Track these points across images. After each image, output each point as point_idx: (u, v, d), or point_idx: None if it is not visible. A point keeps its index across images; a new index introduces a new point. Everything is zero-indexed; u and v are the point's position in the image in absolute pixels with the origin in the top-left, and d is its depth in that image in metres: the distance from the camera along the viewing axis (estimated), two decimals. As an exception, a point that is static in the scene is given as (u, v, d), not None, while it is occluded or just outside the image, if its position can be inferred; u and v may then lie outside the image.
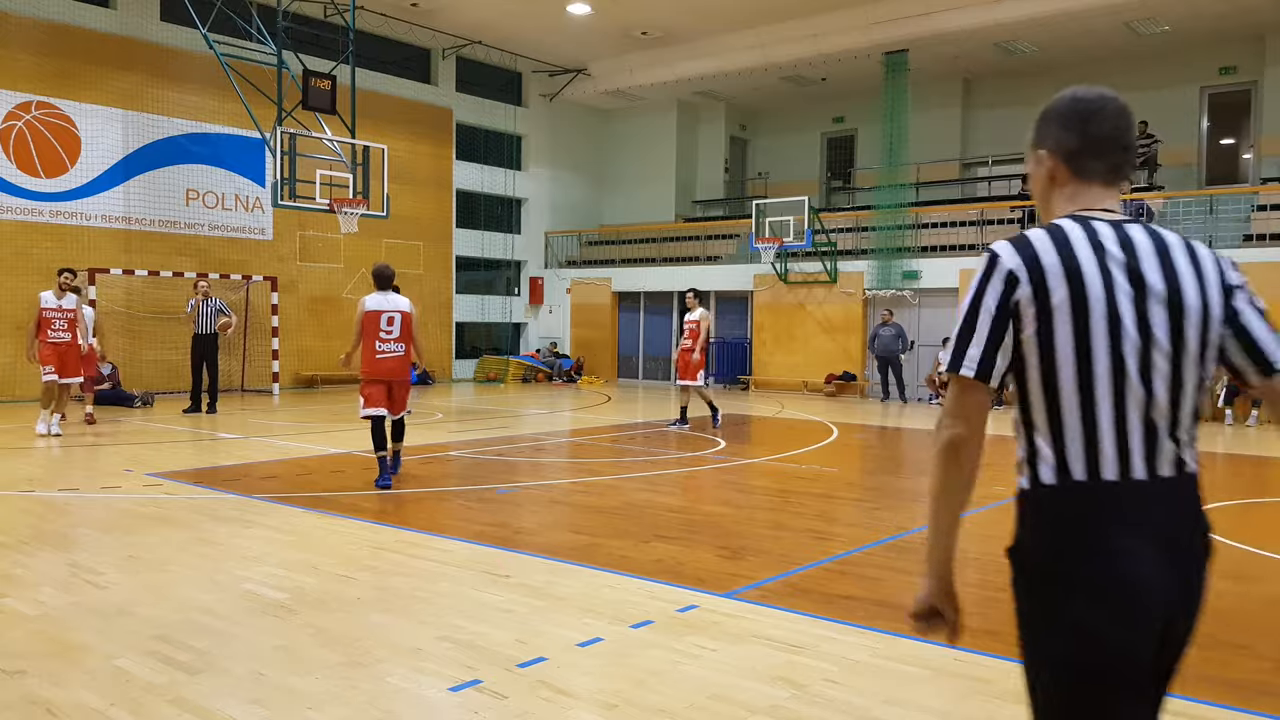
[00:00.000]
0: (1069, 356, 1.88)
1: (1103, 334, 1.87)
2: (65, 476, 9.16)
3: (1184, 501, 1.93)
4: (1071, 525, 1.87)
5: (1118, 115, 2.18)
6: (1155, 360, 1.89)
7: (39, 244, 16.97)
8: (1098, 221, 1.97)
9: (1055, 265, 1.89)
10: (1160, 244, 1.96)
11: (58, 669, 4.16)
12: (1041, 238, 1.94)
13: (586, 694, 3.96)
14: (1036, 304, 1.89)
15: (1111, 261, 1.90)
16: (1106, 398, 1.87)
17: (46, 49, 17.09)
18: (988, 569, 6.17)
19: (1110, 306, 1.88)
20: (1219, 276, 1.99)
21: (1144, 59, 21.50)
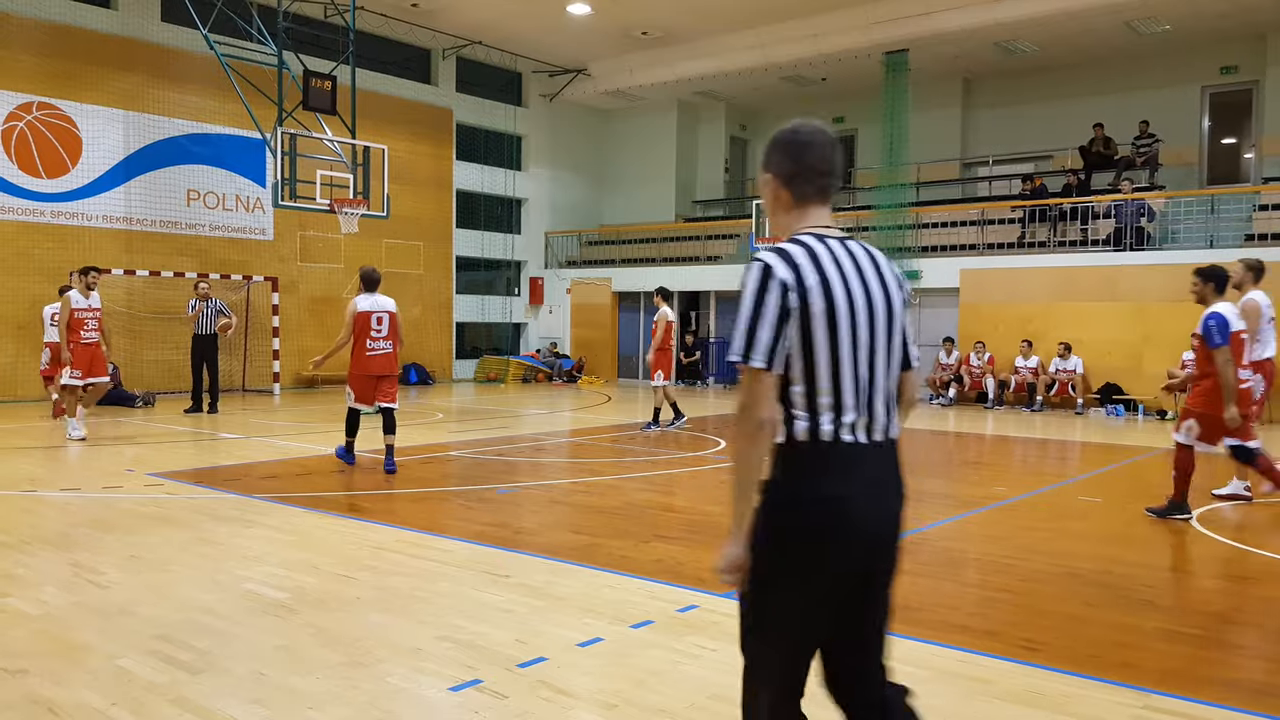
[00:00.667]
0: (824, 351, 2.38)
1: (846, 335, 2.39)
2: (67, 476, 9.17)
3: (891, 459, 2.49)
4: (815, 471, 2.38)
5: (826, 147, 2.55)
6: (877, 354, 2.45)
7: (40, 244, 16.98)
8: (832, 240, 2.49)
9: (815, 281, 2.38)
10: (871, 258, 2.52)
11: (60, 668, 4.17)
12: (801, 255, 2.42)
13: (587, 694, 3.96)
14: (801, 310, 2.37)
15: (849, 276, 2.44)
16: (848, 383, 2.40)
17: (48, 50, 17.10)
18: (987, 569, 6.18)
19: (850, 314, 2.40)
20: (904, 289, 2.57)
21: (1145, 58, 21.50)
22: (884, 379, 2.47)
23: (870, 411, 2.43)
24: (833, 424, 2.38)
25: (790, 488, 2.38)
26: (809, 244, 2.45)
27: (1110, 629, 4.96)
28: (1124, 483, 9.96)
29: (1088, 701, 3.96)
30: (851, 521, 2.36)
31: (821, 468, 2.37)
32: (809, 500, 2.36)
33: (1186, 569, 6.22)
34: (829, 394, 2.38)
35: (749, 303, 2.37)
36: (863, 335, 2.42)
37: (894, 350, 2.50)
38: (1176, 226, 18.20)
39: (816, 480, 2.37)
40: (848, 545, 2.37)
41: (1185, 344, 16.45)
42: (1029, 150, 22.90)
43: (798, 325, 2.37)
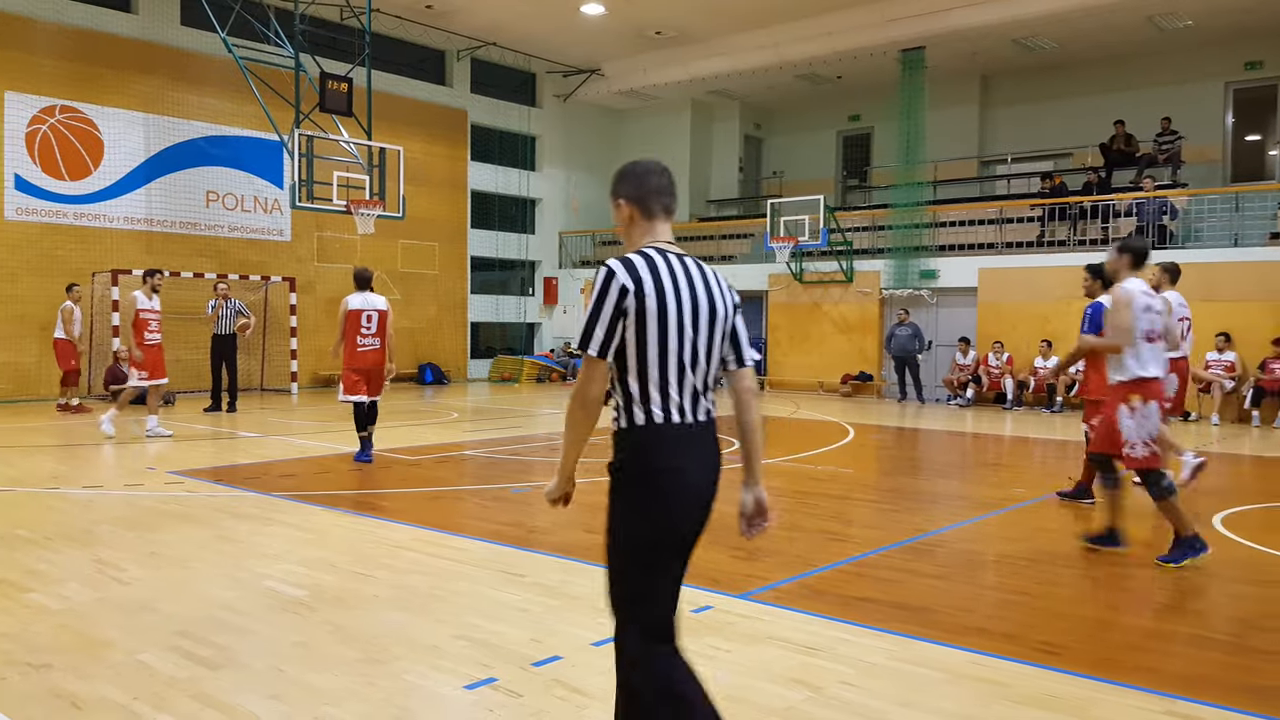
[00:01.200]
0: (654, 346, 2.83)
1: (674, 333, 2.85)
2: (90, 474, 9.24)
3: (711, 437, 3.00)
4: (653, 449, 2.86)
5: (663, 174, 3.06)
6: (699, 350, 2.92)
7: (63, 245, 17.13)
8: (671, 255, 2.94)
9: (651, 288, 2.83)
10: (702, 272, 3.00)
11: (82, 663, 4.21)
12: (643, 265, 2.86)
13: (601, 693, 3.97)
14: (637, 311, 2.81)
15: (681, 285, 2.89)
16: (674, 373, 2.86)
17: (70, 54, 17.24)
18: (1005, 572, 6.15)
19: (679, 315, 2.86)
20: (731, 297, 3.06)
21: (1167, 54, 21.33)
22: (705, 372, 2.96)
23: (692, 398, 2.92)
24: (664, 410, 2.87)
25: (638, 464, 2.87)
26: (651, 256, 2.91)
27: (1131, 633, 4.92)
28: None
29: (1107, 706, 3.93)
30: (688, 487, 2.90)
31: (660, 446, 2.87)
32: (654, 472, 2.85)
33: (1211, 573, 6.17)
34: (660, 384, 2.87)
35: (594, 303, 2.83)
36: (688, 334, 2.89)
37: (715, 347, 2.99)
38: (1199, 225, 18.04)
39: (657, 456, 2.86)
40: (687, 507, 2.90)
41: (1209, 344, 16.36)
42: (1048, 148, 22.75)
43: (635, 323, 2.83)
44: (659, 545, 2.89)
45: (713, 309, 2.96)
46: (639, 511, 2.89)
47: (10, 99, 16.60)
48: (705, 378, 2.96)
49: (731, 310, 3.05)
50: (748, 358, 3.12)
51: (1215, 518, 7.90)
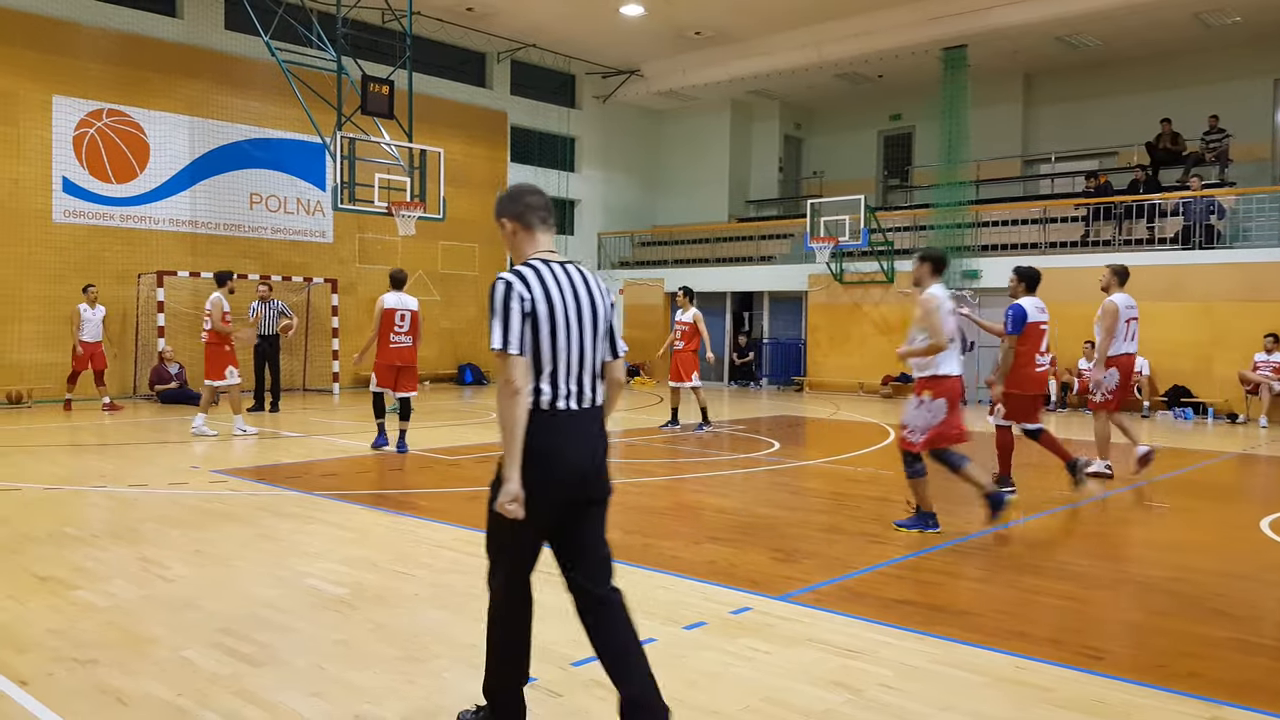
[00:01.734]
0: (546, 344, 3.29)
1: (562, 333, 3.32)
2: (135, 473, 9.39)
3: (597, 419, 3.44)
4: (540, 432, 3.27)
5: (538, 194, 3.55)
6: (585, 346, 3.37)
7: (110, 247, 17.42)
8: (554, 264, 3.40)
9: (540, 294, 3.31)
10: (583, 277, 3.44)
11: (127, 659, 4.27)
12: (531, 275, 3.33)
13: (641, 694, 3.96)
14: (531, 315, 3.28)
15: (564, 290, 3.35)
16: (562, 367, 3.32)
17: (116, 58, 17.54)
18: (1049, 575, 6.07)
19: (565, 317, 3.32)
20: (607, 298, 3.49)
21: (1214, 51, 20.99)
22: (590, 364, 3.40)
23: (579, 387, 3.37)
24: (552, 398, 3.31)
25: (536, 445, 3.27)
26: (537, 267, 3.37)
27: (1178, 638, 4.84)
28: (1193, 487, 9.73)
29: (1151, 711, 3.87)
30: (567, 463, 3.31)
31: (545, 429, 3.28)
32: (537, 452, 3.25)
33: (1261, 577, 6.06)
34: (550, 377, 3.31)
35: (500, 310, 3.28)
36: (574, 333, 3.34)
37: (598, 343, 3.43)
38: (1248, 224, 17.71)
39: (542, 438, 3.27)
40: (563, 481, 3.32)
41: (1257, 345, 16.06)
42: (1093, 147, 22.46)
43: (530, 326, 3.29)
44: (530, 512, 3.26)
45: (594, 310, 3.42)
46: (529, 484, 3.26)
47: (58, 103, 16.91)
48: (591, 369, 3.42)
49: (609, 310, 3.51)
50: (620, 350, 3.58)
51: (1263, 521, 7.75)
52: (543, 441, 3.27)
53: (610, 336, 3.51)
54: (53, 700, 3.81)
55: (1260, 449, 12.90)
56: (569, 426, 3.33)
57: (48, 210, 16.81)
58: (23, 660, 4.25)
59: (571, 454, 3.33)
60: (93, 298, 15.31)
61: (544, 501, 3.29)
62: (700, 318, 13.83)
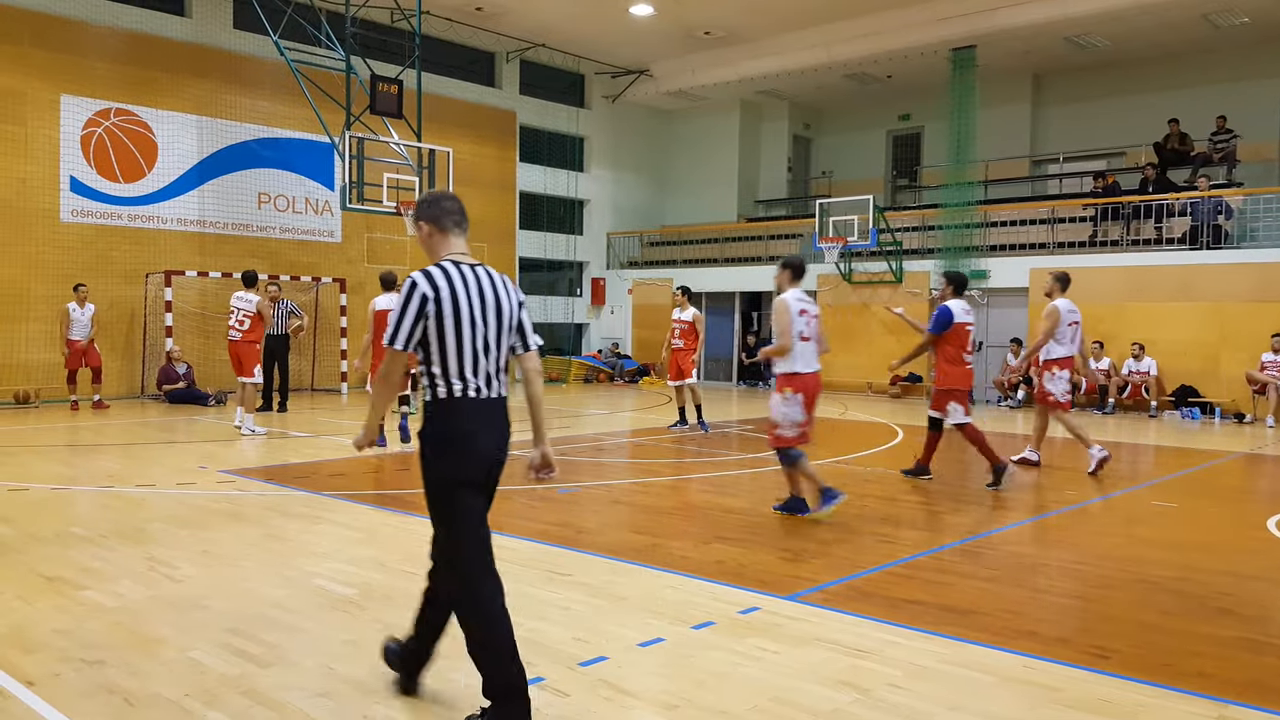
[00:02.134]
0: (452, 338, 3.59)
1: (467, 328, 3.61)
2: (143, 473, 9.41)
3: (500, 408, 3.74)
4: (450, 417, 3.61)
5: (453, 200, 3.90)
6: (490, 340, 3.68)
7: (118, 246, 17.47)
8: (464, 265, 3.70)
9: (447, 294, 3.59)
10: (490, 277, 3.75)
11: (135, 660, 4.28)
12: (440, 275, 3.62)
13: (647, 694, 3.96)
14: (437, 313, 3.57)
15: (471, 290, 3.65)
16: (469, 359, 3.62)
17: (124, 57, 17.58)
18: (1057, 575, 6.06)
19: (470, 314, 3.62)
20: (516, 296, 3.82)
21: (1222, 52, 20.92)
22: (496, 357, 3.71)
23: (485, 378, 3.66)
24: (461, 387, 3.62)
25: (439, 429, 3.61)
26: (447, 268, 3.67)
27: (1186, 637, 4.83)
28: (1200, 487, 9.70)
29: (1159, 711, 3.86)
30: (476, 447, 3.63)
31: (456, 415, 3.61)
32: (449, 436, 3.60)
33: (1269, 577, 6.04)
34: (458, 368, 3.62)
35: (401, 307, 3.57)
36: (480, 328, 3.64)
37: (504, 338, 3.75)
38: (1255, 224, 17.66)
39: (453, 423, 3.61)
40: (474, 463, 3.63)
41: (1264, 345, 16.01)
42: (1101, 147, 22.39)
43: (436, 322, 3.57)
44: (465, 498, 3.63)
45: (499, 307, 3.73)
46: (435, 464, 3.63)
47: (66, 102, 16.96)
48: (496, 362, 3.73)
49: (516, 308, 3.82)
50: (532, 343, 3.90)
51: (1270, 520, 7.73)
52: (456, 426, 3.62)
53: (520, 331, 3.85)
54: (60, 701, 3.82)
55: (1267, 449, 12.85)
56: (478, 413, 3.65)
57: (55, 210, 16.86)
58: (30, 660, 4.26)
59: (482, 439, 3.65)
60: (82, 297, 15.38)
61: (458, 479, 3.62)
62: (700, 318, 13.88)
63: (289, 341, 15.56)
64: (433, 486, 3.65)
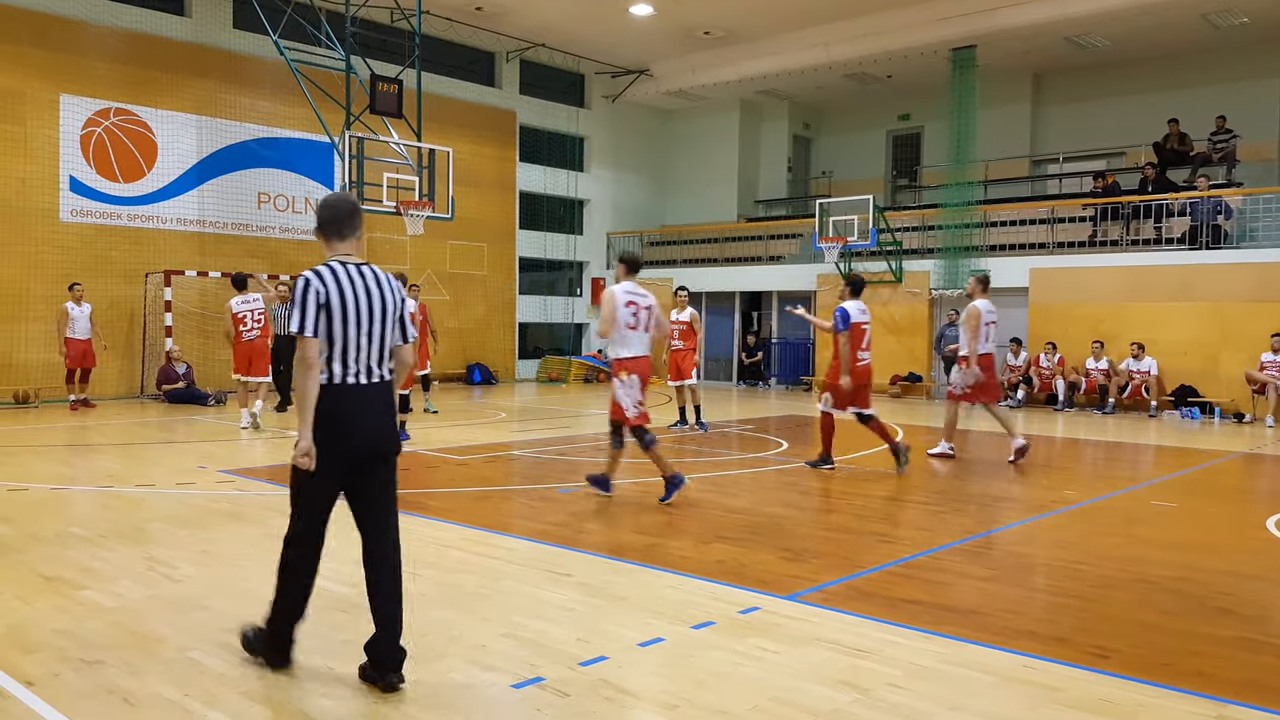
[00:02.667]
0: (339, 330, 4.00)
1: (352, 321, 4.02)
2: (142, 473, 9.41)
3: (381, 392, 4.14)
4: (335, 401, 3.99)
5: (342, 206, 4.23)
6: (373, 333, 4.08)
7: (117, 246, 17.47)
8: (350, 265, 4.12)
9: (335, 291, 4.02)
10: (375, 276, 4.16)
11: (135, 659, 4.28)
12: (328, 274, 4.04)
13: (648, 694, 3.96)
14: (328, 306, 4.00)
15: (357, 287, 4.07)
16: (352, 349, 4.03)
17: (123, 57, 17.58)
18: (1056, 575, 6.06)
19: (355, 309, 4.04)
20: (398, 294, 4.23)
21: (1222, 52, 20.93)
22: (378, 347, 4.12)
23: (367, 366, 4.09)
24: (343, 374, 4.03)
25: (324, 410, 3.97)
26: (334, 267, 4.08)
27: (1185, 637, 4.83)
28: (1199, 487, 9.70)
29: (1160, 710, 3.86)
30: (355, 427, 4.03)
31: (339, 398, 4.00)
32: (332, 416, 3.97)
33: (1268, 577, 6.04)
34: (342, 357, 4.02)
35: (299, 300, 3.98)
36: (364, 323, 4.06)
37: (386, 331, 4.15)
38: (1255, 224, 17.66)
39: (337, 405, 3.99)
40: (353, 440, 4.04)
41: (1264, 344, 16.01)
42: (1101, 147, 22.40)
43: (325, 316, 3.99)
44: (326, 466, 4.00)
45: (383, 304, 4.14)
46: (319, 442, 3.97)
47: (65, 102, 16.96)
48: (379, 353, 4.14)
49: (398, 304, 4.22)
50: (409, 336, 4.32)
51: (1269, 520, 7.73)
52: (336, 409, 3.99)
53: (400, 324, 4.25)
54: (59, 701, 3.82)
55: (1266, 448, 12.85)
56: (358, 397, 4.06)
57: (54, 209, 16.86)
58: (29, 661, 4.26)
59: (359, 420, 4.05)
60: (78, 296, 15.41)
61: (336, 458, 4.01)
62: (696, 317, 13.86)
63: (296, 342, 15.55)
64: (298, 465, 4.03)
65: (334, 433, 3.98)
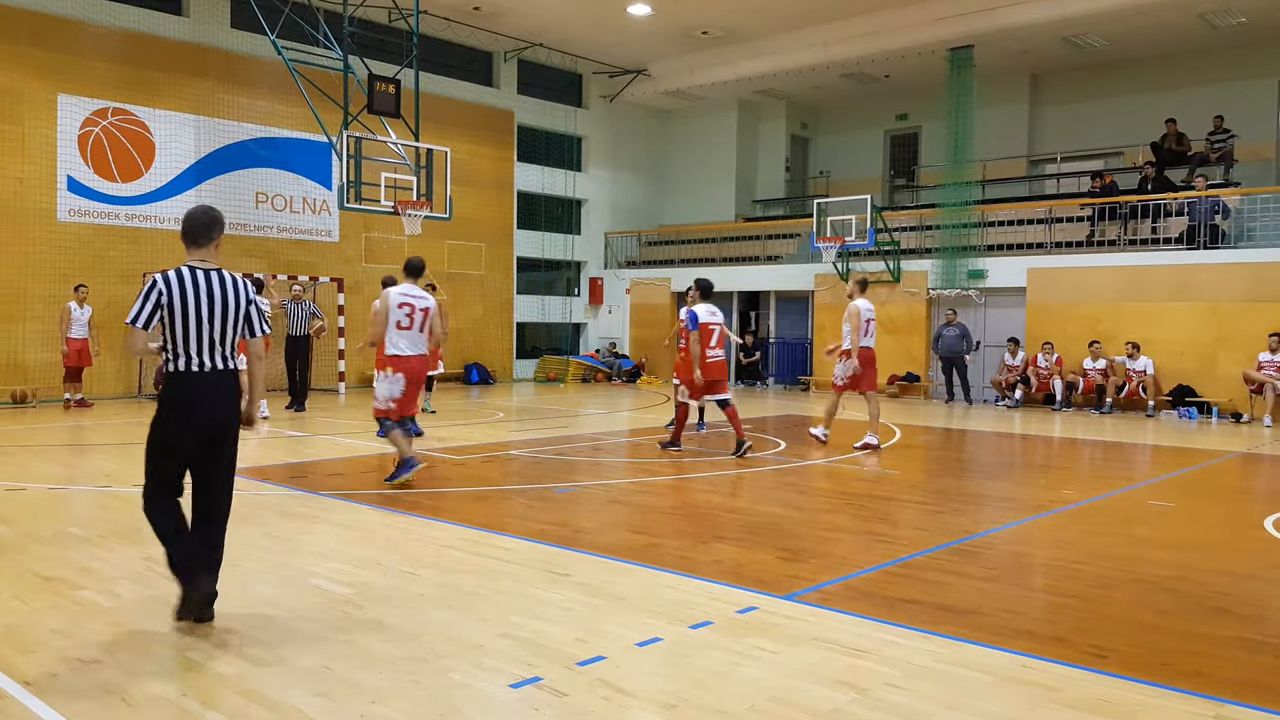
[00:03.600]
0: (179, 325, 4.65)
1: (193, 317, 4.66)
2: (140, 472, 9.37)
3: (224, 379, 4.77)
4: (178, 385, 4.70)
5: (194, 219, 4.87)
6: (215, 328, 4.71)
7: (115, 246, 17.46)
8: (198, 270, 4.76)
9: (177, 291, 4.66)
10: (220, 278, 4.78)
11: (132, 659, 4.28)
12: (174, 276, 4.67)
13: (646, 693, 3.96)
14: (169, 305, 4.65)
15: (200, 289, 4.70)
16: (194, 342, 4.67)
17: (121, 57, 17.57)
18: (1054, 575, 6.07)
19: (196, 307, 4.67)
20: (245, 293, 4.84)
21: (1219, 52, 20.96)
22: (218, 340, 4.75)
23: (209, 356, 4.73)
24: (186, 364, 4.69)
25: (170, 393, 4.73)
26: (181, 271, 4.73)
27: (1183, 637, 4.83)
28: (1197, 487, 9.71)
29: (1158, 710, 3.86)
30: (196, 410, 4.71)
31: (180, 385, 4.71)
32: (173, 401, 4.74)
33: (1265, 576, 6.04)
34: (184, 348, 4.69)
35: (142, 296, 4.64)
36: (204, 318, 4.70)
37: (228, 327, 4.78)
38: (1253, 224, 17.68)
39: (177, 389, 4.72)
40: (193, 425, 4.71)
41: (1261, 344, 16.03)
42: (1098, 147, 22.43)
43: (168, 312, 4.65)
44: (168, 445, 4.76)
45: (224, 303, 4.76)
46: (160, 422, 4.76)
47: (63, 101, 16.95)
48: (220, 344, 4.76)
49: (243, 303, 4.84)
50: (256, 331, 4.95)
51: (1267, 520, 7.73)
52: (179, 394, 4.71)
53: (248, 321, 4.87)
54: (57, 701, 3.81)
55: (1264, 448, 12.87)
56: (199, 383, 4.70)
57: (52, 209, 16.85)
58: (27, 661, 4.25)
59: (200, 404, 4.71)
60: (82, 298, 15.47)
61: (181, 435, 4.72)
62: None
63: (310, 342, 15.68)
64: (152, 436, 4.80)
65: (179, 414, 4.70)
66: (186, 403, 4.68)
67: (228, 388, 4.79)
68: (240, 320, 4.82)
